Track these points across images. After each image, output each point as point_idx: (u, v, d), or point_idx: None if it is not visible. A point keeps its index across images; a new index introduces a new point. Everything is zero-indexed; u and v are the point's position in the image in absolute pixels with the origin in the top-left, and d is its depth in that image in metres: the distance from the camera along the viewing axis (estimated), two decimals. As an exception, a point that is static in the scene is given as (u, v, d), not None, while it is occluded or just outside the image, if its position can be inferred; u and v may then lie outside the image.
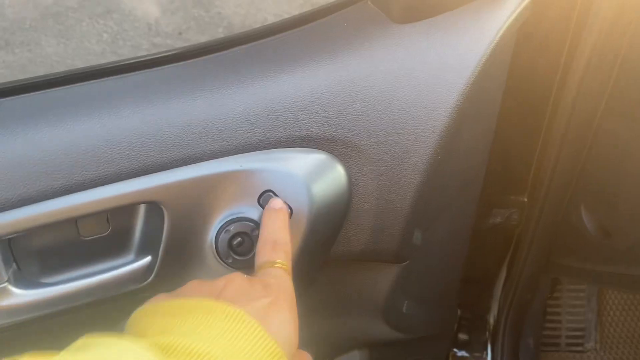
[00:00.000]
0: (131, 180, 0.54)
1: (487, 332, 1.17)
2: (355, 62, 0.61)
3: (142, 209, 0.57)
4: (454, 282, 0.93)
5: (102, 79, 0.58)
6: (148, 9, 2.51)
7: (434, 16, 0.63)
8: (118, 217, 0.57)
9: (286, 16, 2.50)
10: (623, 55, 0.75)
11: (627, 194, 0.86)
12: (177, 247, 0.58)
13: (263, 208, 0.58)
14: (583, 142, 0.85)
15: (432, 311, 0.94)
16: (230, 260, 0.59)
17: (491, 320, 1.17)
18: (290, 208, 0.59)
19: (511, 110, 0.80)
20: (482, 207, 0.88)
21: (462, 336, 1.17)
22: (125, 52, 2.39)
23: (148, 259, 0.58)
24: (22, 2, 2.47)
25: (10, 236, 0.53)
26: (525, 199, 0.98)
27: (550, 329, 1.24)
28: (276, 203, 0.58)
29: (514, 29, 0.66)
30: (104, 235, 0.58)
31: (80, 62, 2.34)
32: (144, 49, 2.41)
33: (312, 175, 0.59)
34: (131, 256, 0.59)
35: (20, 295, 0.55)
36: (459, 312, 1.16)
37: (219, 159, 0.57)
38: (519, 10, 0.65)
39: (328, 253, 0.66)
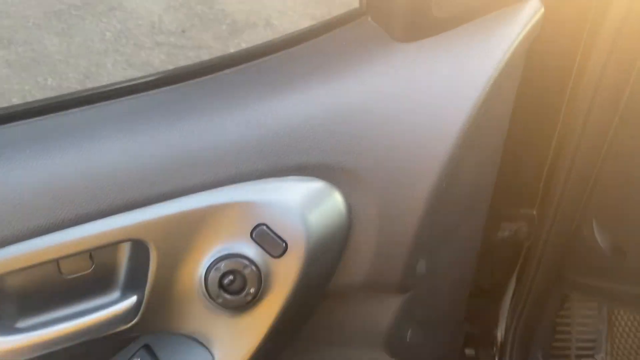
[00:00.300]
0: (114, 216, 0.52)
1: (495, 348, 1.15)
2: (354, 84, 0.58)
3: (127, 245, 0.55)
4: (461, 303, 0.90)
5: (83, 108, 0.55)
6: (151, 6, 2.50)
7: (439, 34, 0.60)
8: (102, 253, 0.55)
9: (290, 13, 2.49)
10: (637, 70, 0.72)
11: None
12: (164, 286, 0.55)
13: (256, 243, 0.55)
14: (596, 155, 0.82)
15: (438, 336, 0.91)
16: (220, 300, 0.56)
17: (499, 335, 1.14)
18: (286, 242, 0.56)
19: (521, 122, 0.77)
20: (489, 220, 0.86)
21: (469, 351, 1.14)
22: (129, 51, 2.38)
23: (133, 298, 0.56)
24: (24, 0, 2.46)
25: None
26: (535, 212, 0.95)
27: (559, 340, 1.22)
28: None
29: (523, 47, 0.62)
30: (86, 273, 0.55)
31: (83, 61, 2.33)
32: (147, 47, 2.40)
33: (308, 205, 0.57)
34: (115, 295, 0.57)
35: None
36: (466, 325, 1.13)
37: (208, 191, 0.54)
38: (528, 27, 0.61)
39: (327, 285, 0.63)
